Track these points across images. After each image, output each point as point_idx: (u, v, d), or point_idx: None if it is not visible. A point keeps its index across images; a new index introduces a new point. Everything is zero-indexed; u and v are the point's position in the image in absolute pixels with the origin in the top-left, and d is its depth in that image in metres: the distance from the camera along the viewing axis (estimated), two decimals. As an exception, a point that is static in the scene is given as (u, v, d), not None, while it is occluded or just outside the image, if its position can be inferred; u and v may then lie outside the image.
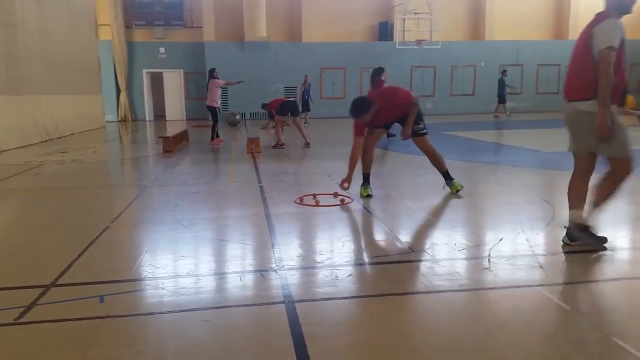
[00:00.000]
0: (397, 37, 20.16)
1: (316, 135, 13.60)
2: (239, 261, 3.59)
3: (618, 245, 3.86)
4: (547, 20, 22.30)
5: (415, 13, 19.68)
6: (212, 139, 11.37)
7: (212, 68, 11.78)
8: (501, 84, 18.71)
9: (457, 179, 5.77)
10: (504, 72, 19.02)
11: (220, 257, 3.74)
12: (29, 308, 2.78)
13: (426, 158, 5.84)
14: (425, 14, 19.75)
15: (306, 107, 17.05)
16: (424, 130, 5.66)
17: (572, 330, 2.50)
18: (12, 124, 10.95)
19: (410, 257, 3.59)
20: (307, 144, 10.38)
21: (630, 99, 21.31)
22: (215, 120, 11.40)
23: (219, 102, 11.57)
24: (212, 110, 11.38)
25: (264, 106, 14.89)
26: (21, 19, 11.47)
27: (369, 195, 5.55)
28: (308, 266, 3.46)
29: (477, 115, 20.05)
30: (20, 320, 2.65)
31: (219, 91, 11.46)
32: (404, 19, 19.79)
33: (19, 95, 11.29)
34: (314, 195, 5.47)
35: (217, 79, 11.37)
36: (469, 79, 21.74)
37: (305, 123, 16.64)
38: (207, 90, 11.43)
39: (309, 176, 7.32)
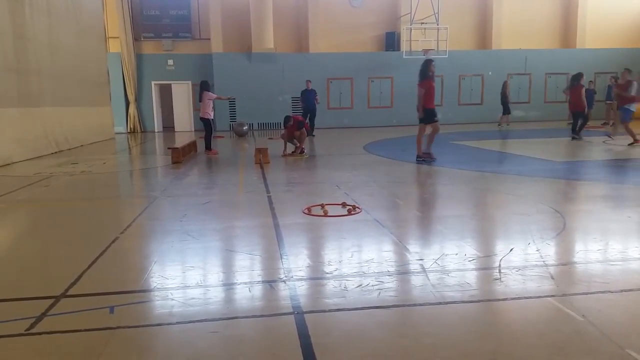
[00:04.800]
0: (404, 46, 20.22)
1: (323, 145, 13.63)
2: (248, 272, 3.58)
3: (631, 255, 3.82)
4: (555, 28, 22.28)
5: (421, 23, 19.74)
6: (209, 149, 11.62)
7: (204, 80, 11.93)
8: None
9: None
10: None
11: (228, 268, 3.74)
12: (39, 319, 2.79)
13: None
14: (431, 24, 19.80)
15: (507, 110, 18.69)
16: None
17: (584, 342, 2.46)
18: (23, 136, 11.07)
19: (419, 267, 3.57)
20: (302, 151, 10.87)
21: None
22: (210, 132, 11.59)
23: (212, 113, 11.70)
24: (207, 121, 11.56)
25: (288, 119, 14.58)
26: (32, 33, 11.64)
27: None
28: (317, 277, 3.45)
29: (485, 125, 20.01)
30: (31, 331, 2.66)
31: (212, 103, 11.59)
32: (411, 29, 19.85)
33: (29, 107, 11.42)
34: (322, 206, 5.47)
35: (210, 91, 11.56)
36: (476, 88, 21.73)
37: (507, 124, 18.34)
38: (200, 101, 11.58)
39: (317, 186, 7.32)
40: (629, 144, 11.22)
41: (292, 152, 11.00)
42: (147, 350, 2.49)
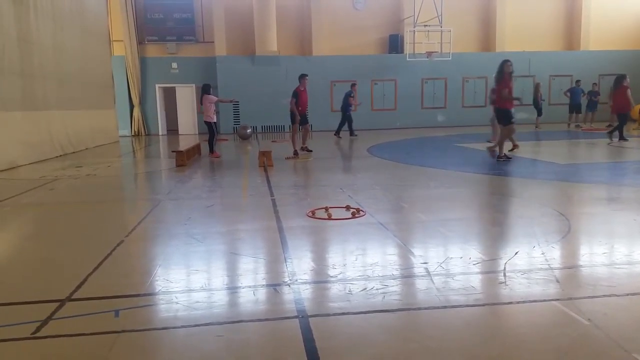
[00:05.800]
0: (408, 49, 20.21)
1: (327, 147, 13.64)
2: (252, 275, 3.59)
3: (637, 258, 3.80)
4: (558, 31, 22.23)
5: (425, 25, 19.73)
6: (212, 151, 11.65)
7: (205, 84, 11.94)
8: (575, 94, 18.70)
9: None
10: (577, 83, 19.03)
11: (233, 271, 3.74)
12: (45, 322, 2.80)
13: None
14: (435, 26, 19.79)
15: (540, 112, 18.66)
16: None
17: (589, 345, 2.45)
18: (28, 139, 11.11)
19: (424, 271, 3.56)
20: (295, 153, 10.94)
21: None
22: (212, 135, 11.63)
23: (215, 117, 11.73)
24: (209, 125, 11.60)
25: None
26: (37, 36, 11.69)
27: None
28: (321, 280, 3.45)
29: (489, 127, 19.94)
30: (37, 335, 2.67)
31: (213, 107, 11.62)
32: (414, 32, 19.84)
33: (34, 110, 11.46)
34: (326, 209, 5.47)
35: (210, 94, 11.62)
36: (480, 91, 21.67)
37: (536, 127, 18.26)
38: (202, 104, 11.63)
39: (321, 189, 7.32)
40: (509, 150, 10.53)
41: (294, 154, 10.90)
42: (151, 354, 2.50)
